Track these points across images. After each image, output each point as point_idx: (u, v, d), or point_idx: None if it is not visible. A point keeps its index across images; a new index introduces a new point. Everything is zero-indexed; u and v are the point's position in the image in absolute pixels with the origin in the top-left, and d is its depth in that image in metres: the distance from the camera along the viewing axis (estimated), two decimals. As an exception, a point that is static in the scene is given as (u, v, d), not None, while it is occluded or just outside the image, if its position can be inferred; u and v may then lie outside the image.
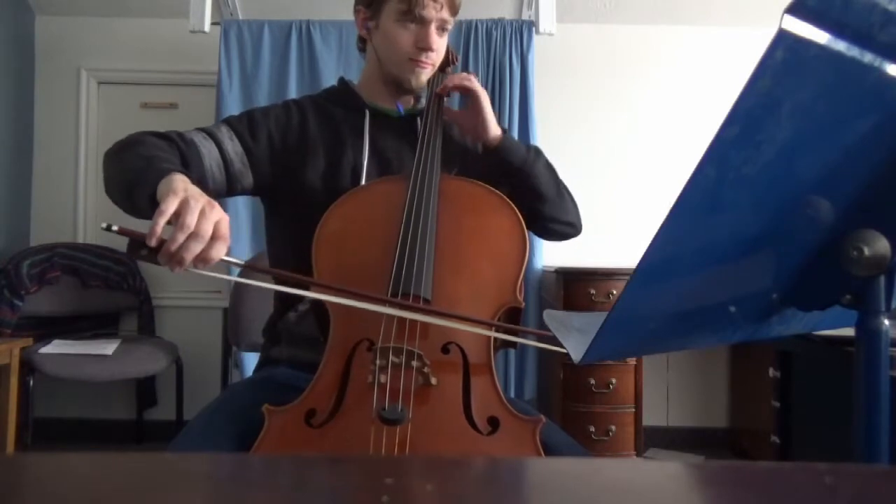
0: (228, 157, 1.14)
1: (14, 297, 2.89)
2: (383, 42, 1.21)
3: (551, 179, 1.25)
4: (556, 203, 1.25)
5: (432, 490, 0.34)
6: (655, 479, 0.38)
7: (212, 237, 0.83)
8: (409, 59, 1.20)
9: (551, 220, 1.26)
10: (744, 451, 3.06)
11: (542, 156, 1.26)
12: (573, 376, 2.69)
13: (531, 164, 1.22)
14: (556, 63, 3.24)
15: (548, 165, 1.26)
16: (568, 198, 1.29)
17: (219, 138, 1.15)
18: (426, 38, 1.18)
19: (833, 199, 0.56)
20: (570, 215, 1.29)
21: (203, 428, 1.00)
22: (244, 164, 1.16)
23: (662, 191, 2.98)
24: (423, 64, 1.21)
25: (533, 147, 1.27)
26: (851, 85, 0.49)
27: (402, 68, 1.21)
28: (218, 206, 0.86)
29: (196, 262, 0.83)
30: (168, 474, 0.36)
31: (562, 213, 1.27)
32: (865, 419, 0.57)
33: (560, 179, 1.28)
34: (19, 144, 3.21)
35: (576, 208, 1.30)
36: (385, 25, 1.20)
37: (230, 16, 3.15)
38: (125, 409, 3.21)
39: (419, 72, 1.21)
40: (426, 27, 1.18)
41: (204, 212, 0.83)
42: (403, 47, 1.19)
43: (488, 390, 0.93)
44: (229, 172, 1.15)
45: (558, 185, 1.27)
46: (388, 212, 1.07)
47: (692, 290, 0.58)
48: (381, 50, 1.23)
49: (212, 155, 1.12)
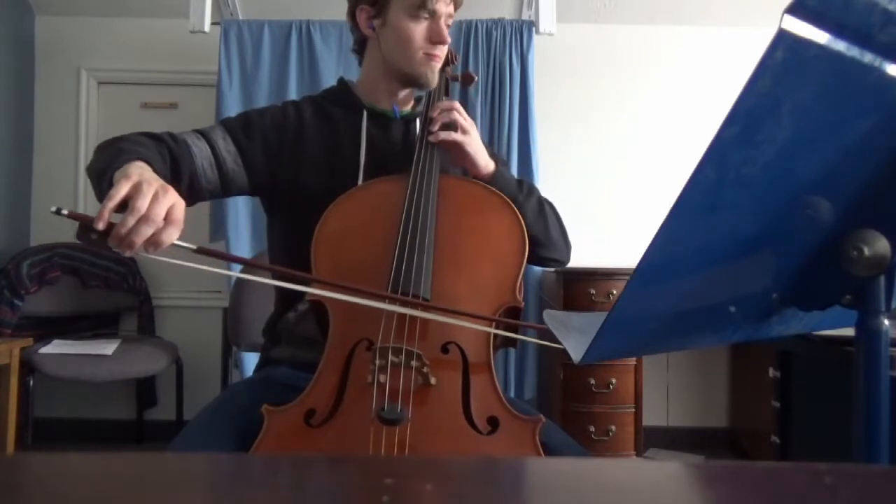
0: (221, 156, 1.15)
1: (14, 297, 2.89)
2: (394, 39, 1.20)
3: (539, 219, 1.21)
4: (540, 242, 1.21)
5: (432, 490, 0.34)
6: (655, 479, 0.38)
7: (165, 222, 0.84)
8: (425, 53, 1.19)
9: (533, 256, 1.21)
10: (744, 451, 3.06)
11: (535, 194, 1.23)
12: (573, 376, 2.69)
13: (519, 203, 1.16)
14: (556, 63, 3.24)
15: (539, 204, 1.22)
16: (556, 236, 1.24)
17: (212, 138, 1.16)
18: (440, 32, 1.18)
19: (833, 199, 0.56)
20: (554, 253, 1.25)
21: (203, 428, 1.00)
22: (237, 163, 1.17)
23: (662, 191, 2.98)
24: (437, 58, 1.21)
25: (527, 185, 1.23)
26: (851, 85, 0.49)
27: (418, 64, 1.20)
28: (173, 191, 0.87)
29: (147, 246, 0.84)
30: (168, 474, 0.36)
31: (545, 250, 1.23)
32: (865, 419, 0.57)
33: (549, 218, 1.23)
34: (19, 144, 3.21)
35: (565, 245, 1.27)
36: (395, 21, 1.19)
37: (230, 16, 3.15)
38: (125, 409, 3.21)
39: (434, 66, 1.21)
40: (437, 21, 1.18)
41: (157, 196, 0.84)
42: (417, 42, 1.18)
43: (488, 390, 0.93)
44: (222, 171, 1.15)
45: (547, 225, 1.22)
46: (388, 211, 1.07)
47: (692, 290, 0.58)
48: (392, 47, 1.21)
49: (203, 153, 1.13)
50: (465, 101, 3.04)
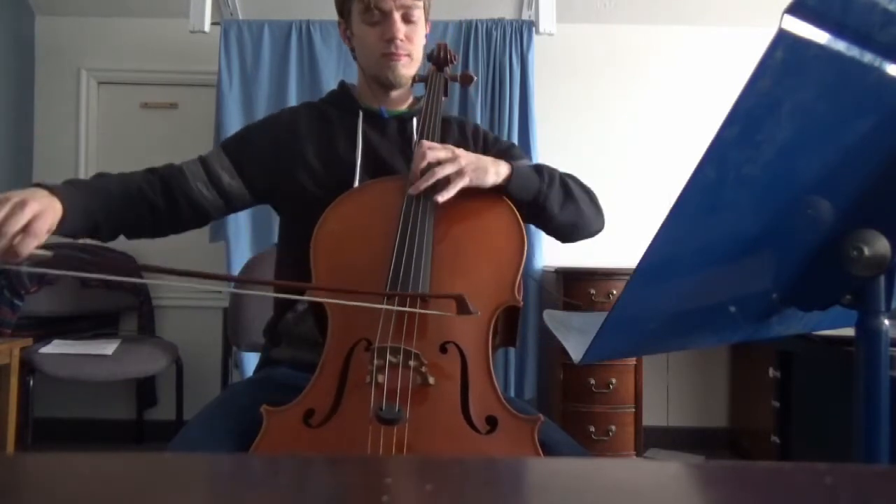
0: (215, 173, 1.21)
1: (14, 297, 2.89)
2: (359, 47, 1.25)
3: (568, 204, 1.16)
4: (576, 225, 1.18)
5: (432, 490, 0.34)
6: (655, 479, 0.38)
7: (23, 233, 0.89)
8: (381, 54, 1.21)
9: (565, 237, 1.21)
10: (744, 451, 3.06)
11: (556, 177, 1.17)
12: (573, 376, 2.69)
13: (544, 196, 1.13)
14: (556, 63, 3.24)
15: (563, 188, 1.17)
16: (588, 212, 1.19)
17: (207, 159, 1.23)
18: (390, 28, 1.19)
19: (833, 199, 0.56)
20: (592, 228, 1.21)
21: (202, 428, 1.00)
22: (233, 176, 1.22)
23: (662, 191, 2.98)
24: (394, 56, 1.21)
25: (547, 171, 1.17)
26: (851, 85, 0.49)
27: (378, 66, 1.23)
28: (36, 205, 0.91)
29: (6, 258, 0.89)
30: (168, 474, 0.36)
31: (583, 232, 1.20)
32: (865, 419, 0.57)
33: (578, 196, 1.18)
34: (19, 145, 3.21)
35: (598, 214, 1.22)
36: (356, 30, 1.24)
37: (230, 16, 3.15)
38: (125, 409, 3.21)
39: (394, 65, 1.22)
40: (389, 18, 1.20)
41: (13, 211, 0.89)
42: (373, 45, 1.21)
43: (486, 390, 0.93)
44: (219, 188, 1.21)
45: (578, 207, 1.17)
46: (386, 212, 1.07)
47: (692, 290, 0.58)
48: (360, 55, 1.26)
49: (198, 175, 1.20)
50: (465, 102, 3.04)
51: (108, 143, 3.29)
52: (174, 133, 3.27)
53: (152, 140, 3.27)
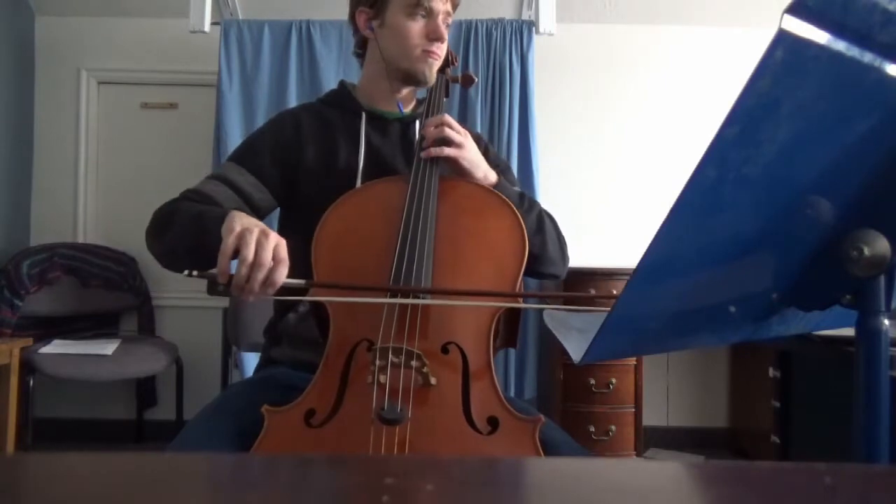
0: (245, 192, 1.19)
1: (14, 297, 2.89)
2: (392, 38, 1.22)
3: (538, 235, 1.18)
4: (537, 257, 1.18)
5: (432, 490, 0.34)
6: (655, 479, 0.38)
7: (273, 262, 0.89)
8: (423, 50, 1.21)
9: (528, 269, 1.18)
10: (744, 451, 3.06)
11: (535, 209, 1.20)
12: (573, 376, 2.68)
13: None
14: (555, 63, 3.24)
15: (538, 220, 1.20)
16: (553, 252, 1.21)
17: (227, 177, 1.19)
18: (437, 29, 1.21)
19: (833, 199, 0.56)
20: (550, 269, 1.22)
21: (202, 428, 1.00)
22: (261, 189, 1.20)
23: (662, 191, 2.98)
24: (435, 55, 1.23)
25: (528, 199, 1.21)
26: (851, 85, 0.49)
27: (416, 61, 1.22)
28: (273, 233, 0.92)
29: (264, 289, 0.90)
30: (168, 474, 0.36)
31: (541, 266, 1.20)
32: (865, 419, 0.57)
33: (548, 234, 1.20)
34: (19, 145, 3.21)
35: (562, 261, 1.24)
36: (393, 21, 1.22)
37: (230, 16, 3.15)
38: (125, 409, 3.21)
39: (432, 63, 1.23)
40: (435, 18, 1.21)
41: (260, 241, 0.89)
42: (415, 39, 1.21)
43: (487, 390, 0.93)
44: (251, 204, 1.19)
45: (545, 241, 1.19)
46: (388, 212, 1.07)
47: (692, 290, 0.58)
48: (391, 46, 1.23)
49: (225, 194, 1.16)
50: (465, 102, 3.04)
51: (108, 143, 3.29)
52: (174, 133, 3.28)
53: (152, 140, 3.28)
